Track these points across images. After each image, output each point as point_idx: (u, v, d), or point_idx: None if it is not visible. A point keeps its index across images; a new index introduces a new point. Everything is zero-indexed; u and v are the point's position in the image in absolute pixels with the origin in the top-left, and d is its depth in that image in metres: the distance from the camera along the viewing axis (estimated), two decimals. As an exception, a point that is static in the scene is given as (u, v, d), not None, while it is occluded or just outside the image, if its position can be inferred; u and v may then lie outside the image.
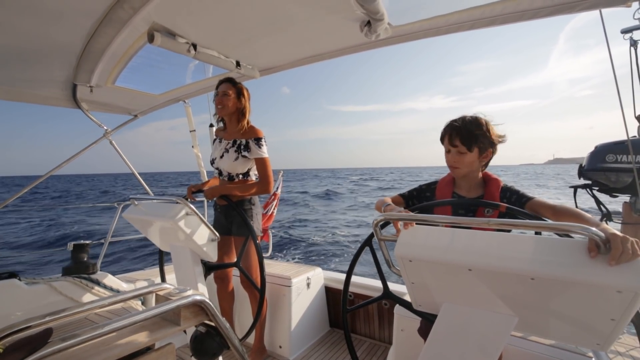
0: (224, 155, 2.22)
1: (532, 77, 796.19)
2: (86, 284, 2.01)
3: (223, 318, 0.91)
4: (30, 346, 0.59)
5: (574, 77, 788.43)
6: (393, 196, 1.51)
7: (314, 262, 9.42)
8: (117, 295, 0.82)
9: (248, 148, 2.17)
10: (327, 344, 2.66)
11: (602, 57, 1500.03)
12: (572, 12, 1.27)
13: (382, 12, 1.33)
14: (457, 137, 1.34)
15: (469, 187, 1.44)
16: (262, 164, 2.18)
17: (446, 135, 1.39)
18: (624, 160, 2.17)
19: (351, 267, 1.49)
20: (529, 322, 0.94)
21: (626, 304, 0.76)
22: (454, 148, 1.36)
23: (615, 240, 0.78)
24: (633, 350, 1.59)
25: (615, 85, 1.36)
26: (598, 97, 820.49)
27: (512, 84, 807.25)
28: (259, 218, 2.33)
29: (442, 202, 1.39)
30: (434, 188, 1.50)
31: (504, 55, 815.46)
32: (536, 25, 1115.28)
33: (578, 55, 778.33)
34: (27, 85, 2.20)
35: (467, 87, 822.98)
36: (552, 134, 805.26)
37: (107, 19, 1.37)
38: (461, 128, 1.34)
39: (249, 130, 2.21)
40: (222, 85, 2.17)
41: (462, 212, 1.41)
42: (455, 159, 1.37)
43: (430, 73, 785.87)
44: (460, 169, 1.38)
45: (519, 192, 1.33)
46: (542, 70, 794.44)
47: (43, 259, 9.60)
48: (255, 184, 2.22)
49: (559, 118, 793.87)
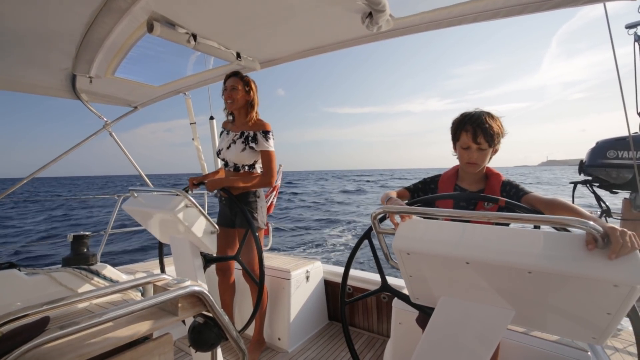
0: (231, 146, 2.24)
1: (526, 80, 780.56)
2: (85, 275, 2.01)
3: (221, 309, 0.91)
4: (26, 334, 0.59)
5: (566, 80, 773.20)
6: (399, 189, 1.52)
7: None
8: (114, 285, 0.82)
9: (256, 140, 2.19)
10: (325, 336, 2.68)
11: (594, 60, 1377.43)
12: (577, 4, 1.25)
13: (383, 3, 1.31)
14: (482, 135, 1.32)
15: (471, 181, 1.45)
16: (268, 157, 2.19)
17: (467, 132, 1.34)
18: (625, 156, 2.16)
19: (350, 259, 1.49)
20: (526, 315, 0.94)
21: (622, 298, 0.76)
22: (476, 145, 1.34)
23: (614, 234, 0.78)
24: (631, 347, 1.60)
25: (618, 83, 1.34)
26: (590, 99, 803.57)
27: (506, 87, 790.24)
28: (263, 211, 2.34)
29: (441, 196, 1.39)
30: (437, 181, 1.52)
31: (498, 57, 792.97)
32: (528, 29, 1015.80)
33: (570, 58, 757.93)
34: (27, 76, 2.18)
35: (462, 89, 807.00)
36: (545, 136, 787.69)
37: (107, 7, 1.36)
38: (487, 126, 1.31)
39: (257, 122, 2.24)
40: (229, 80, 2.18)
41: (463, 204, 1.41)
42: (476, 156, 1.35)
43: (425, 75, 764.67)
44: (479, 165, 1.37)
45: (518, 186, 1.34)
46: (535, 73, 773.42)
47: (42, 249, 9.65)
48: (258, 176, 2.23)
49: (552, 120, 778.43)
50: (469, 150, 1.36)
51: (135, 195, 2.13)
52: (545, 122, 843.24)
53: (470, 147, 1.35)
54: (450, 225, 1.02)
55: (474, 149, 1.35)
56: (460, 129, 1.37)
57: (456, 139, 1.40)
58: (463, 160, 1.40)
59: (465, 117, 1.37)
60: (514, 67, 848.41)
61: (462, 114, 1.40)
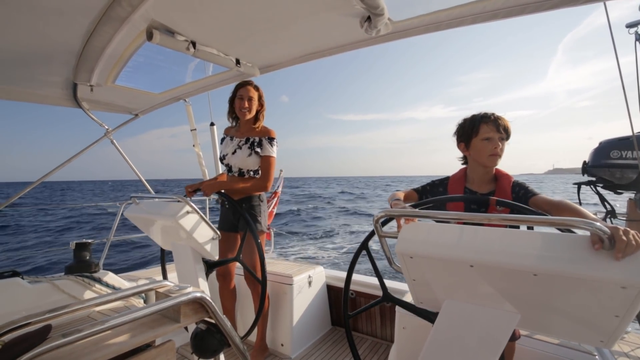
0: (237, 152, 2.26)
1: (531, 88, 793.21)
2: (88, 282, 2.01)
3: (223, 315, 0.91)
4: (28, 343, 0.59)
5: (573, 88, 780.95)
6: (407, 190, 1.52)
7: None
8: (116, 292, 0.82)
9: (261, 145, 2.23)
10: (328, 342, 2.65)
11: (600, 68, 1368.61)
12: (577, 4, 1.25)
13: (382, 6, 1.32)
14: (502, 125, 1.35)
15: (481, 182, 1.44)
16: (267, 162, 2.22)
17: (488, 124, 1.37)
18: (629, 156, 2.14)
19: (350, 271, 1.47)
20: (532, 319, 0.93)
21: (630, 300, 0.75)
22: (499, 134, 1.36)
23: (618, 233, 0.78)
24: (638, 350, 1.58)
25: (620, 84, 1.34)
26: (597, 107, 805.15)
27: (511, 94, 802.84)
28: (266, 214, 2.36)
29: (444, 199, 1.38)
30: (446, 183, 1.51)
31: (503, 65, 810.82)
32: (533, 37, 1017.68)
33: (577, 66, 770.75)
34: (28, 85, 2.20)
35: (467, 96, 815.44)
36: (551, 144, 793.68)
37: (106, 17, 1.37)
38: (503, 118, 1.36)
39: (263, 129, 2.29)
40: (243, 90, 2.21)
41: (474, 207, 1.41)
42: (501, 146, 1.37)
43: (429, 82, 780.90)
44: (500, 158, 1.38)
45: (527, 187, 1.35)
46: (540, 81, 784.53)
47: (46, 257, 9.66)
48: (255, 179, 2.25)
49: (559, 128, 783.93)
50: (491, 141, 1.36)
51: (137, 202, 2.13)
52: (551, 129, 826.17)
53: (492, 138, 1.36)
54: (453, 227, 1.01)
55: (496, 139, 1.36)
56: (479, 122, 1.38)
57: (475, 134, 1.40)
58: (486, 153, 1.38)
59: (479, 114, 1.40)
60: (519, 75, 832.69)
61: (470, 116, 1.42)
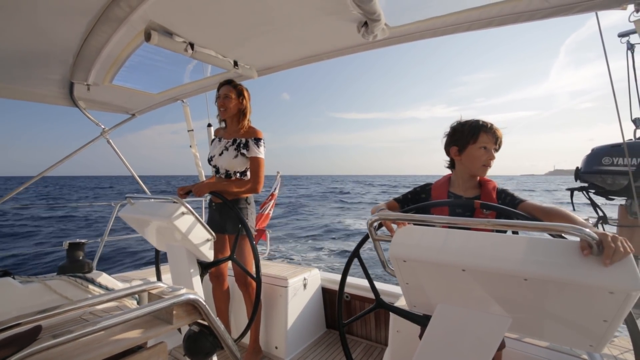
0: (223, 153, 2.24)
1: (533, 89, 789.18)
2: (81, 283, 1.99)
3: (217, 317, 0.91)
4: (17, 343, 0.58)
5: (574, 90, 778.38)
6: (388, 201, 1.51)
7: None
8: (109, 293, 0.81)
9: (247, 146, 2.20)
10: (323, 345, 2.65)
11: (602, 70, 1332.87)
12: (569, 14, 1.28)
13: (378, 12, 1.33)
14: (499, 138, 1.38)
15: (465, 188, 1.45)
16: (256, 163, 2.20)
17: (488, 133, 1.38)
18: (620, 163, 2.17)
19: (343, 279, 1.47)
20: (523, 323, 0.94)
21: (618, 305, 0.76)
22: (494, 146, 1.39)
23: (606, 239, 0.79)
24: (627, 353, 1.59)
25: (627, 94, 1.36)
26: (599, 109, 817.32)
27: (513, 95, 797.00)
28: (253, 217, 2.34)
29: (437, 203, 1.39)
30: (428, 189, 1.50)
31: (505, 66, 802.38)
32: (536, 38, 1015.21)
33: (579, 68, 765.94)
34: (25, 83, 2.19)
35: (469, 97, 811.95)
36: (552, 145, 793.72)
37: (104, 17, 1.37)
38: (500, 130, 1.39)
39: (249, 130, 2.26)
40: (222, 88, 2.20)
41: (459, 211, 1.41)
42: (494, 157, 1.40)
43: (431, 82, 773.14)
44: (489, 168, 1.41)
45: (513, 194, 1.36)
46: (543, 82, 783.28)
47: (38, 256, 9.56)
48: (245, 181, 2.24)
49: (560, 130, 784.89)
50: (487, 151, 1.38)
51: (132, 202, 2.12)
52: (552, 131, 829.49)
53: (489, 148, 1.38)
54: (446, 232, 1.02)
55: (492, 150, 1.38)
56: (480, 130, 1.38)
57: (473, 140, 1.39)
58: (480, 162, 1.39)
59: (477, 121, 1.41)
60: (521, 76, 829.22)
61: (465, 120, 1.43)
